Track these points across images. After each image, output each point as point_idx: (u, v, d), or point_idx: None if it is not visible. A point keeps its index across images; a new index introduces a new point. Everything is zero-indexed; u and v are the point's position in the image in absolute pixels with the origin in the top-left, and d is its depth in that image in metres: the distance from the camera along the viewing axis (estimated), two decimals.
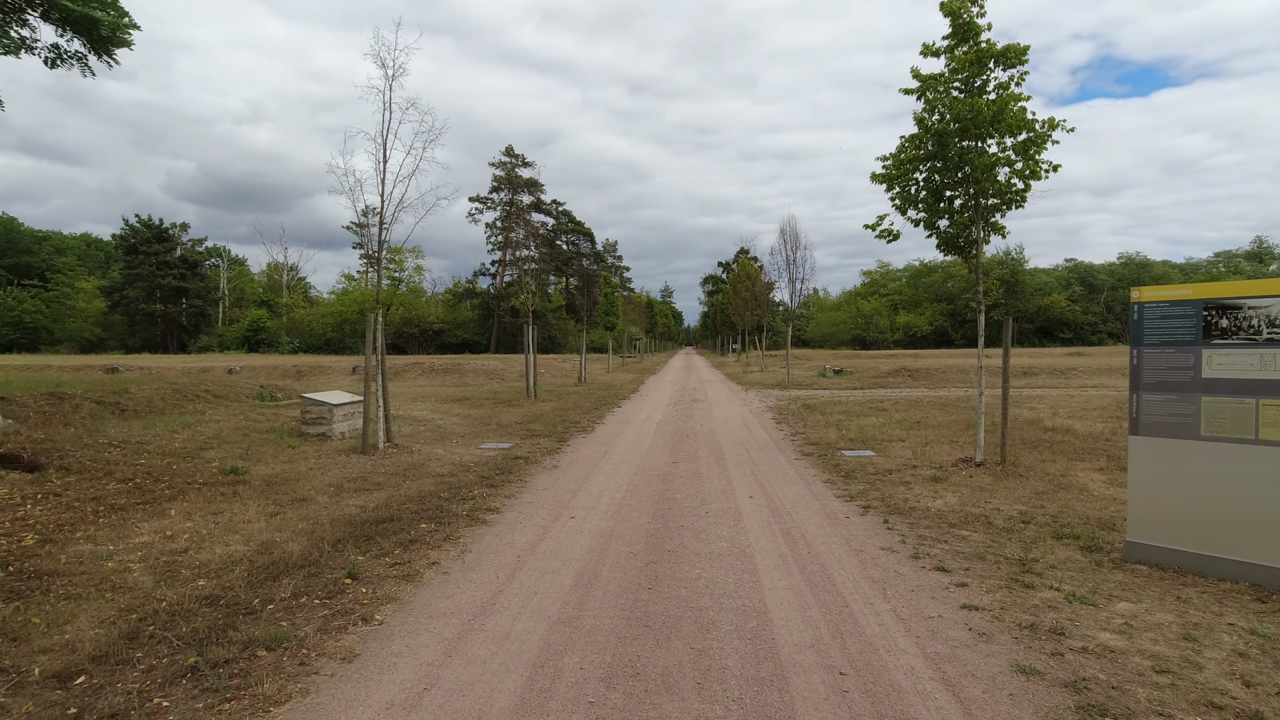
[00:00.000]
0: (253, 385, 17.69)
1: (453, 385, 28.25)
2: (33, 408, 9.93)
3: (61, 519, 6.37)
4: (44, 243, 75.39)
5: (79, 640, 4.03)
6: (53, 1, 8.46)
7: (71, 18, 8.65)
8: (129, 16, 9.05)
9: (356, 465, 9.27)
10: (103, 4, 8.61)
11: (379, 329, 9.87)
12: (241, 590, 4.80)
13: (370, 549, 5.76)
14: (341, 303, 72.84)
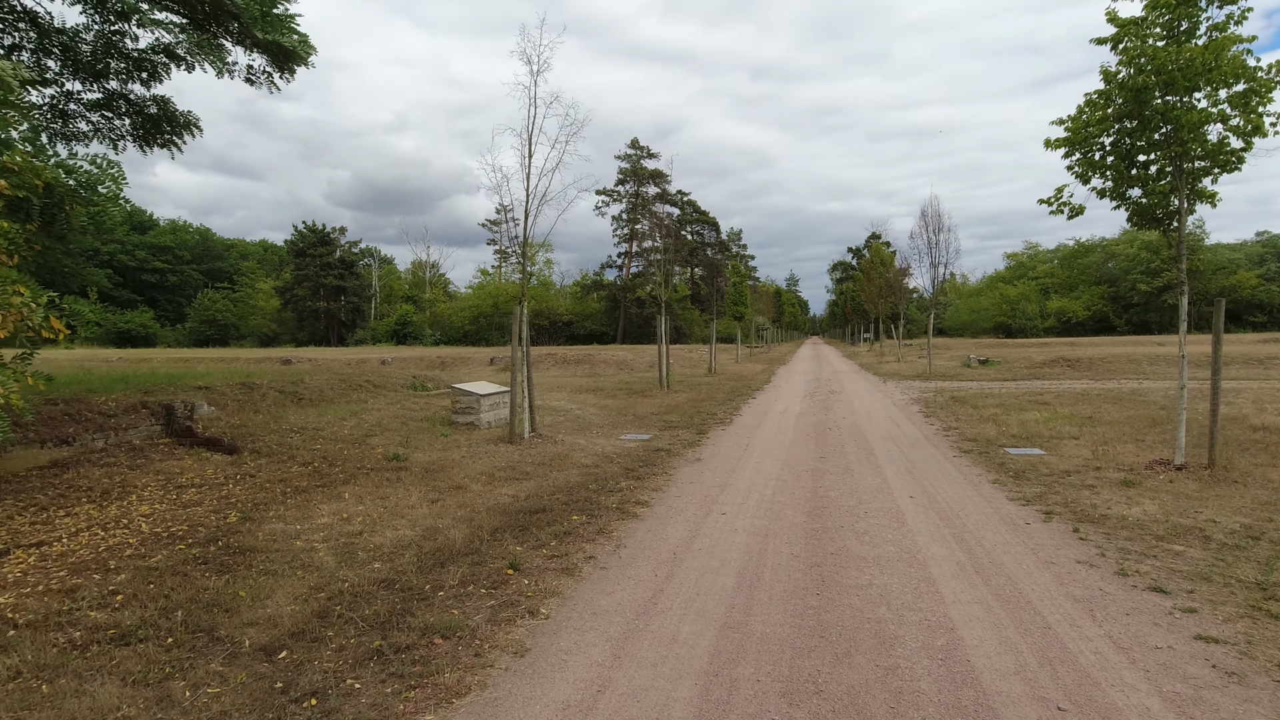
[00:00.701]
0: (405, 376, 18.91)
1: (584, 376, 28.88)
2: (230, 396, 11.07)
3: (257, 498, 6.97)
4: (231, 249, 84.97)
5: (279, 615, 4.32)
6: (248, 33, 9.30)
7: (263, 43, 9.49)
8: (308, 38, 9.79)
9: (505, 454, 9.56)
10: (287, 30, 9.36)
11: (524, 321, 10.12)
12: (413, 575, 4.99)
13: (527, 539, 5.85)
14: (478, 297, 76.74)
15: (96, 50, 8.83)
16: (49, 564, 5.16)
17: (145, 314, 66.61)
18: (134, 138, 9.38)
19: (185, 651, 3.87)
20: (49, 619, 4.22)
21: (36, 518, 6.33)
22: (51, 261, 8.21)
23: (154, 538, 5.78)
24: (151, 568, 5.06)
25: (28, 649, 3.85)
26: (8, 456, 7.91)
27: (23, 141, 5.33)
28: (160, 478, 7.78)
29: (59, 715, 3.23)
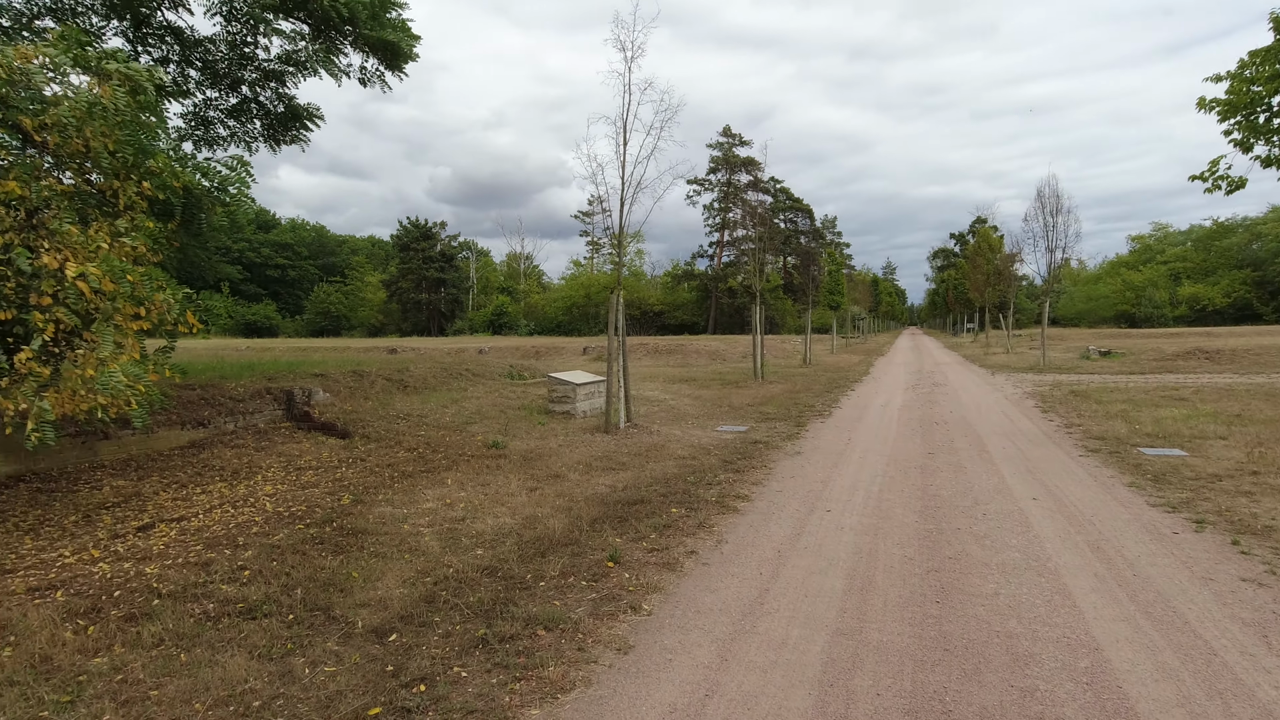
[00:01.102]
0: (502, 365, 19.41)
1: (676, 366, 28.79)
2: (342, 383, 11.68)
3: (367, 482, 7.27)
4: (343, 245, 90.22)
5: (388, 598, 4.44)
6: (359, 34, 9.69)
7: (373, 42, 9.87)
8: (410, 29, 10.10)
9: (601, 444, 9.58)
10: (395, 28, 9.69)
11: (619, 310, 10.09)
12: (514, 564, 5.02)
13: (626, 531, 5.79)
14: (570, 287, 78.05)
15: (231, 61, 9.44)
16: (187, 538, 5.54)
17: (269, 306, 71.73)
18: (265, 138, 10.00)
19: (304, 629, 4.02)
20: (187, 590, 4.50)
21: (178, 494, 6.84)
22: (191, 258, 8.84)
23: (276, 516, 6.10)
24: (275, 545, 5.33)
25: (169, 618, 4.11)
26: (155, 437, 8.60)
27: (166, 148, 5.69)
28: (282, 459, 8.26)
29: (194, 684, 3.41)
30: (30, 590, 4.51)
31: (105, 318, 4.66)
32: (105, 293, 4.77)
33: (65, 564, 4.97)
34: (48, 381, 4.67)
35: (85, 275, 4.61)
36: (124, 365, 4.59)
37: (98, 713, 3.19)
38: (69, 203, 4.88)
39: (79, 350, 4.70)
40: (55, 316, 4.68)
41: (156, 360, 5.24)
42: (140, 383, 4.89)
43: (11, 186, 4.77)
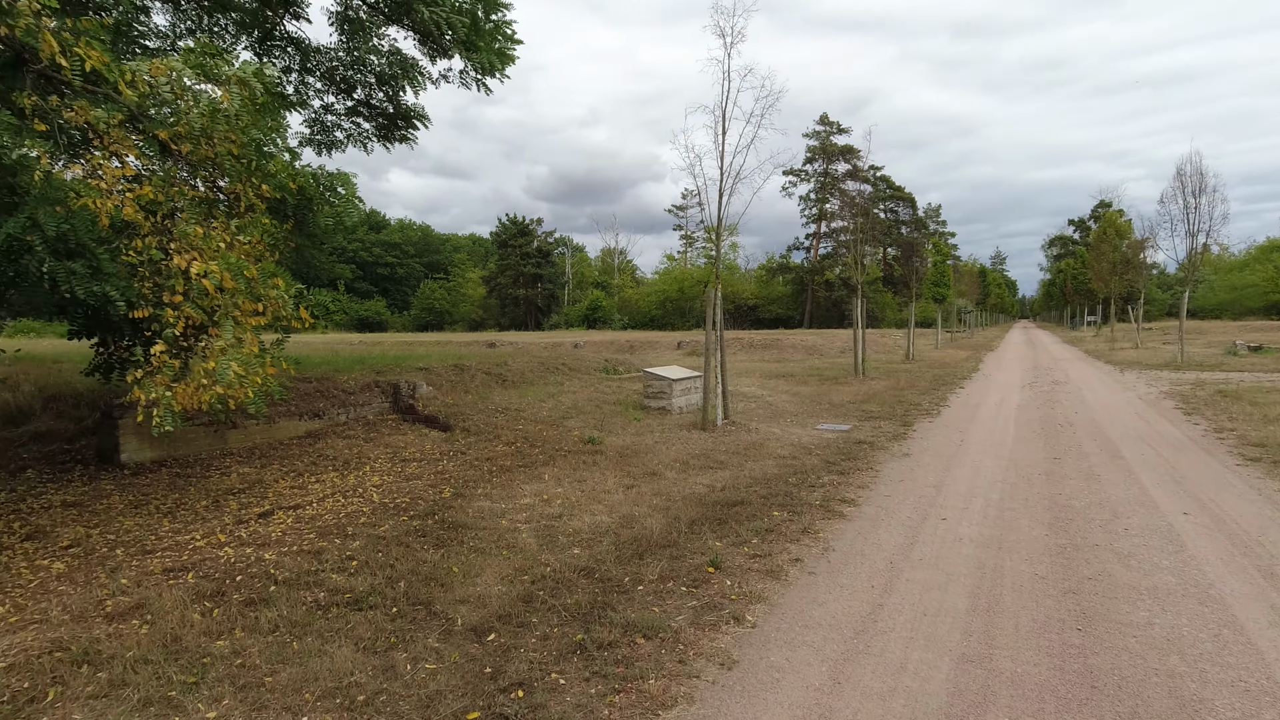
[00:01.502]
0: (597, 359, 19.55)
1: (772, 361, 28.17)
2: (444, 377, 12.05)
3: (467, 475, 7.39)
4: (446, 243, 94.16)
5: (487, 595, 4.43)
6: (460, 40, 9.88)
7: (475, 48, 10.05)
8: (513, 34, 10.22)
9: (698, 441, 9.38)
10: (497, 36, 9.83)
11: (718, 304, 9.85)
12: (611, 565, 4.92)
13: (726, 534, 5.58)
14: (664, 282, 78.05)
15: (346, 65, 9.88)
16: (302, 525, 5.78)
17: (379, 302, 75.83)
18: (377, 137, 10.43)
19: (406, 623, 4.06)
20: (300, 578, 4.67)
21: (295, 482, 7.19)
22: (307, 258, 9.28)
23: (382, 508, 6.28)
24: (380, 536, 5.47)
25: (284, 605, 4.25)
26: (277, 427, 9.12)
27: (282, 150, 5.94)
28: (388, 450, 8.56)
29: (304, 672, 3.48)
30: (166, 571, 4.80)
31: (225, 313, 4.88)
32: (226, 290, 5.01)
33: (196, 547, 5.28)
34: (177, 374, 4.95)
35: (208, 273, 4.85)
36: (242, 356, 4.79)
37: (218, 696, 3.30)
38: (197, 207, 5.16)
39: (201, 344, 4.96)
40: (185, 313, 4.96)
41: (272, 353, 5.46)
42: (256, 374, 5.10)
43: (147, 191, 5.09)
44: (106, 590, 4.47)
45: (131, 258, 5.01)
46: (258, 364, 5.21)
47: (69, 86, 5.46)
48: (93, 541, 5.44)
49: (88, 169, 5.11)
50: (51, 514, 6.08)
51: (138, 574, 4.75)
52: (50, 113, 5.13)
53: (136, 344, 4.89)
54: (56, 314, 6.49)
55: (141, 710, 3.19)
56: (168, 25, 10.24)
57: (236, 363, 4.89)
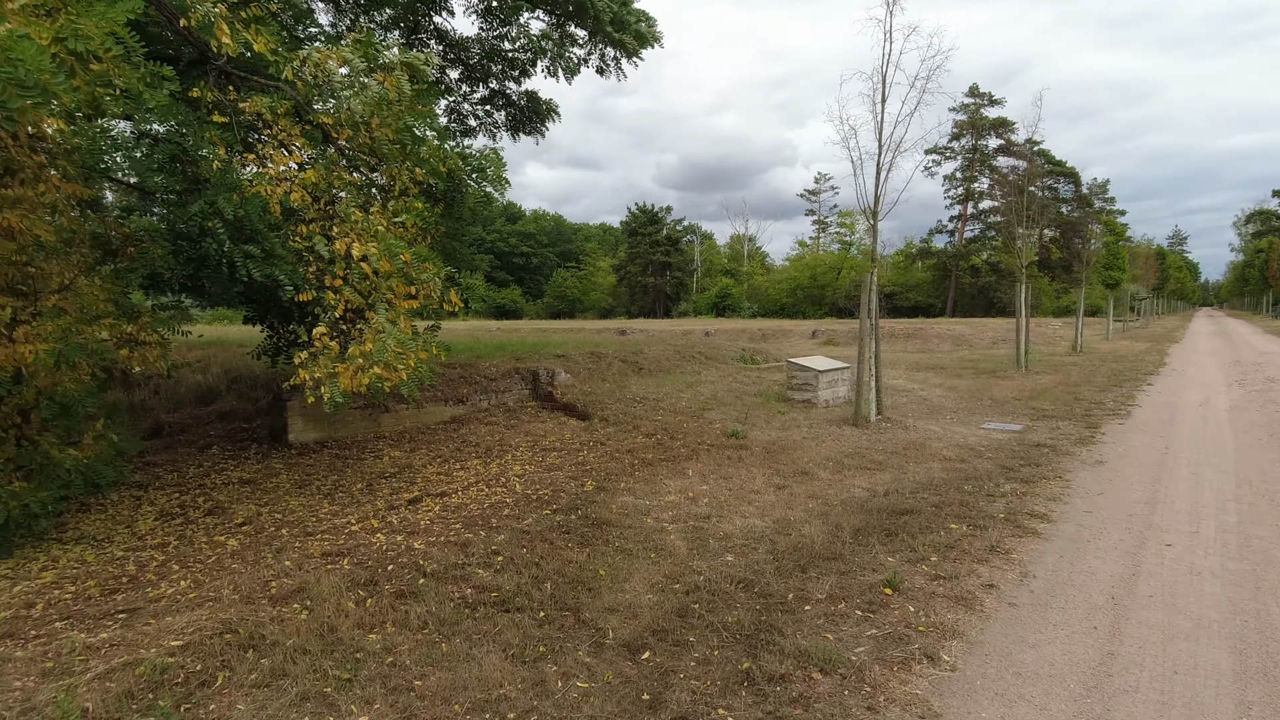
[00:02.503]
0: (731, 348, 18.98)
1: (916, 351, 26.36)
2: (581, 365, 12.01)
3: (608, 468, 7.16)
4: (578, 233, 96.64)
5: (638, 605, 4.10)
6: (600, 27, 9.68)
7: (612, 39, 9.84)
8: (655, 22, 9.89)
9: (850, 439, 8.66)
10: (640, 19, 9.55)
11: (874, 289, 9.02)
12: (771, 577, 4.44)
13: (898, 548, 4.93)
14: (795, 269, 75.75)
15: (484, 54, 9.96)
16: (448, 515, 5.75)
17: (515, 291, 79.06)
18: (508, 128, 10.51)
19: (555, 629, 3.81)
20: (448, 571, 4.56)
21: (441, 469, 7.27)
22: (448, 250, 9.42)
23: (525, 499, 6.15)
24: (524, 531, 5.30)
25: (432, 599, 4.14)
26: (424, 411, 9.38)
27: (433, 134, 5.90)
28: (529, 439, 8.52)
29: (453, 679, 3.29)
30: (324, 555, 4.87)
31: (380, 296, 4.86)
32: (382, 273, 5.00)
33: (351, 531, 5.36)
34: (337, 356, 5.00)
35: (367, 256, 4.85)
36: (398, 336, 4.76)
37: (369, 697, 3.17)
38: (356, 192, 5.19)
39: (359, 326, 4.98)
40: (344, 296, 5.00)
41: (425, 339, 5.43)
42: (410, 357, 5.06)
43: (310, 176, 5.17)
44: (272, 571, 4.57)
45: (298, 243, 5.12)
46: (412, 347, 5.18)
47: (245, 80, 5.66)
48: (262, 520, 5.67)
49: (259, 158, 5.25)
50: (230, 490, 6.45)
51: (299, 556, 4.84)
52: (227, 105, 5.32)
53: (300, 328, 4.98)
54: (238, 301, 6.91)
55: (298, 705, 3.11)
56: (329, 23, 10.76)
57: (394, 342, 4.87)
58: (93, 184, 4.75)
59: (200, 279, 5.48)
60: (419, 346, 5.31)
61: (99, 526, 5.50)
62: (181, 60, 5.78)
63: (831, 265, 71.37)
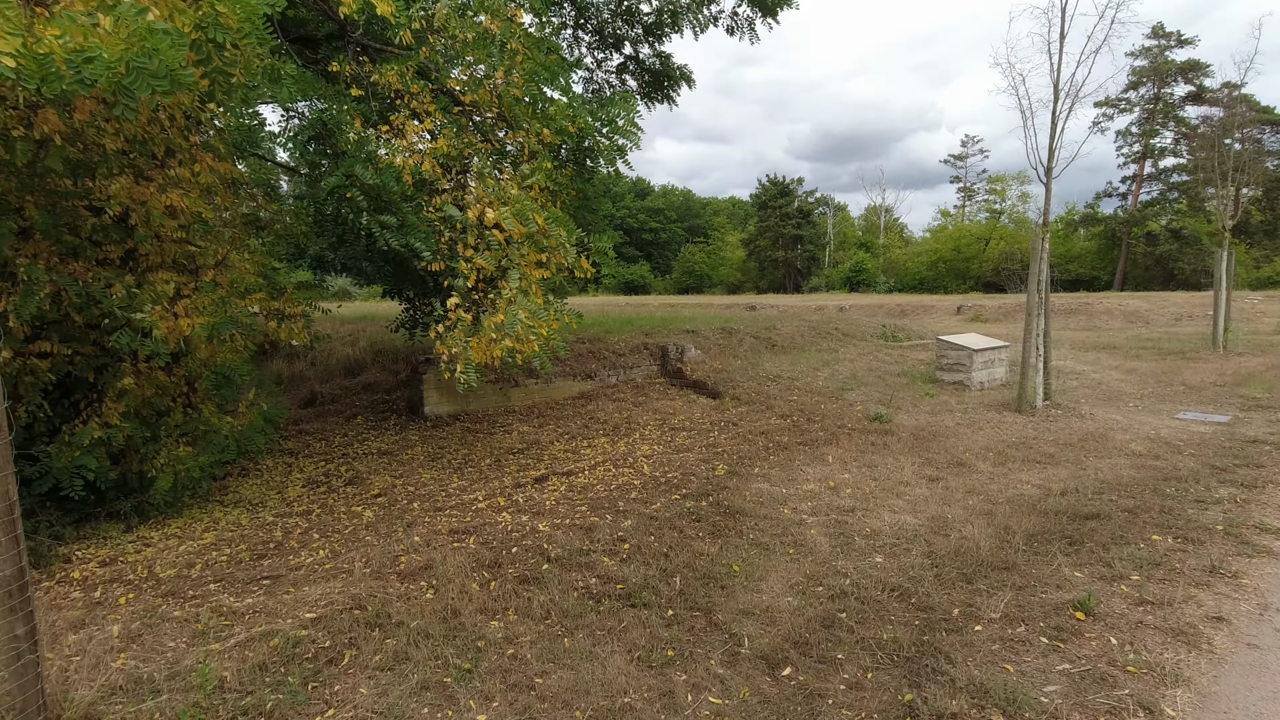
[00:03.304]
0: (870, 324, 17.81)
1: (1081, 329, 23.71)
2: (712, 341, 11.60)
3: (741, 450, 6.74)
4: (706, 207, 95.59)
5: (775, 608, 3.68)
6: None
7: None
8: None
9: (1013, 426, 7.69)
10: None
11: (1045, 256, 7.90)
12: (930, 587, 3.87)
13: (1085, 560, 4.18)
14: (937, 240, 70.74)
15: (617, 16, 9.64)
16: (574, 495, 5.58)
17: (644, 267, 79.57)
18: (641, 95, 10.14)
19: (683, 631, 3.48)
20: (572, 556, 4.36)
21: (568, 445, 7.16)
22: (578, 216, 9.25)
23: (653, 482, 5.87)
24: (652, 517, 5.02)
25: (555, 588, 3.94)
26: (553, 386, 9.37)
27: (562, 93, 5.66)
28: (657, 416, 8.25)
29: (575, 680, 3.05)
30: (451, 532, 4.83)
31: (512, 262, 4.70)
32: (514, 241, 4.83)
33: (478, 509, 5.31)
34: (470, 328, 4.91)
35: (500, 223, 4.69)
36: (529, 305, 4.59)
37: (489, 692, 3.00)
38: (487, 159, 5.05)
39: (490, 296, 4.85)
40: (476, 264, 4.89)
41: (555, 307, 5.24)
42: (542, 328, 4.88)
43: (441, 145, 5.08)
44: (401, 546, 4.57)
45: (431, 214, 5.06)
46: (543, 316, 5.01)
47: (379, 52, 5.64)
48: (396, 492, 5.77)
49: (393, 129, 5.23)
50: (369, 461, 6.66)
51: (428, 532, 4.83)
52: (364, 78, 5.32)
53: (435, 300, 4.95)
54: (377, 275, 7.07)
55: (418, 694, 2.99)
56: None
57: (525, 312, 4.71)
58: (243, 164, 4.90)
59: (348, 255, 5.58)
60: (550, 316, 5.13)
61: (254, 491, 5.81)
62: (320, 37, 5.87)
63: (978, 236, 65.97)
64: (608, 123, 5.47)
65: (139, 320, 3.95)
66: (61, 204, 3.92)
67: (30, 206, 3.82)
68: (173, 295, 4.67)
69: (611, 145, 5.65)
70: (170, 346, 4.38)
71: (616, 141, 5.68)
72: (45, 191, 3.88)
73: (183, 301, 4.63)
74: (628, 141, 5.61)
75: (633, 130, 5.53)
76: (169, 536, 4.83)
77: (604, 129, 5.54)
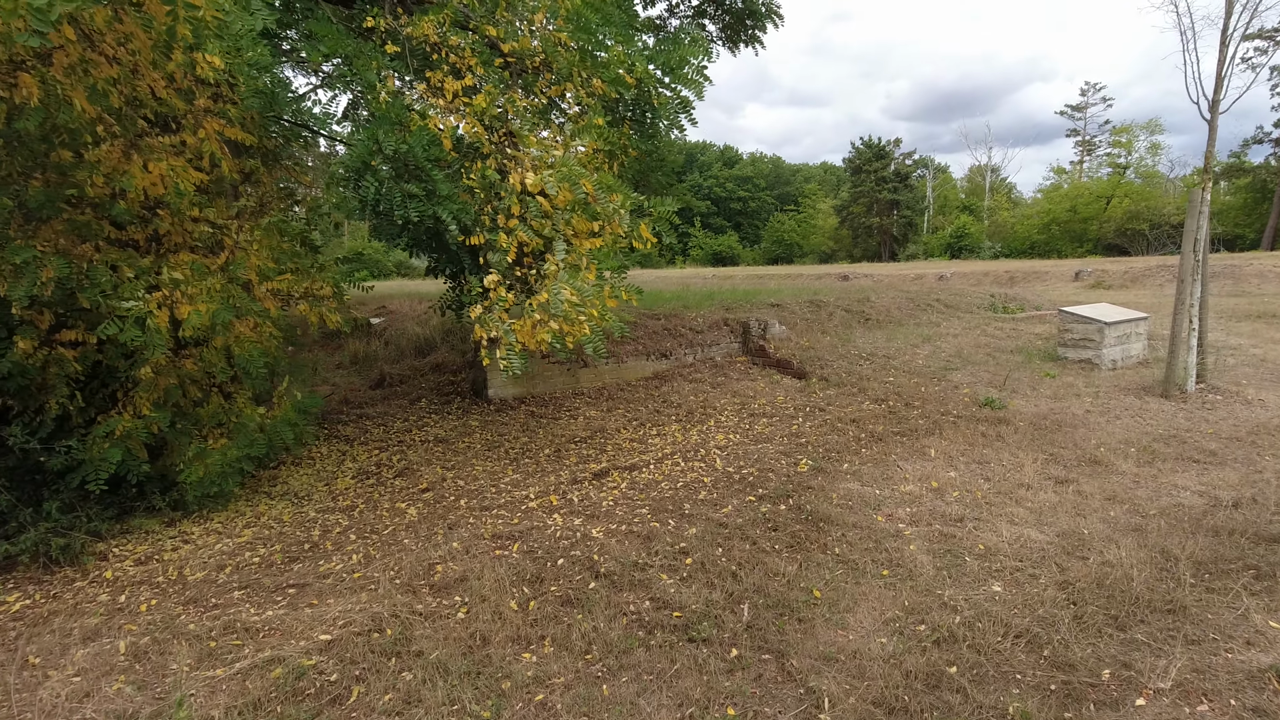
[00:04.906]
0: (975, 294, 16.22)
1: (1229, 295, 20.96)
2: (798, 315, 10.70)
3: (828, 441, 5.95)
4: (797, 174, 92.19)
5: (865, 654, 2.97)
6: None
7: None
8: None
9: (1160, 414, 6.50)
10: None
11: (1204, 209, 6.55)
12: (1068, 632, 3.05)
13: (1276, 601, 3.23)
14: (1050, 200, 65.20)
15: None
16: (635, 495, 4.99)
17: (732, 237, 77.80)
18: (723, 39, 9.25)
19: (749, 679, 2.84)
20: (625, 571, 3.78)
21: (635, 434, 6.58)
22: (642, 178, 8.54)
23: (726, 478, 5.20)
24: (721, 524, 4.36)
25: (601, 614, 3.38)
26: (625, 367, 8.80)
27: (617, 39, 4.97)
28: (736, 400, 7.54)
29: None
30: (495, 537, 4.35)
31: (556, 231, 4.12)
32: (560, 208, 4.23)
33: (529, 508, 4.81)
34: (512, 308, 4.38)
35: (544, 190, 4.11)
36: (576, 283, 4.00)
37: None
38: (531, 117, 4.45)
39: (533, 272, 4.29)
40: (518, 237, 4.34)
41: (612, 284, 4.62)
42: (593, 306, 4.28)
43: (479, 101, 4.52)
44: (439, 552, 4.13)
45: (473, 180, 4.54)
46: (594, 294, 4.41)
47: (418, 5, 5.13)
48: (445, 486, 5.37)
49: (431, 88, 4.72)
50: (424, 450, 6.32)
51: (470, 536, 4.37)
52: (399, 32, 4.83)
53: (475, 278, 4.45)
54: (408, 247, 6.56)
55: None
56: None
57: (569, 289, 4.13)
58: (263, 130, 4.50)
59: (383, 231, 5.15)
60: (604, 292, 4.53)
61: (304, 481, 5.56)
62: None
63: (1099, 194, 60.29)
64: (670, 70, 4.73)
65: (129, 310, 3.64)
66: (68, 179, 3.64)
67: (35, 183, 3.56)
68: (181, 280, 4.32)
69: (674, 97, 4.91)
70: (164, 339, 4.01)
71: (680, 93, 4.94)
72: (52, 167, 3.61)
73: (182, 287, 4.27)
74: (692, 93, 4.86)
75: (698, 80, 4.77)
76: (210, 532, 4.60)
77: (666, 77, 4.82)
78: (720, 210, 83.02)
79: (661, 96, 4.82)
